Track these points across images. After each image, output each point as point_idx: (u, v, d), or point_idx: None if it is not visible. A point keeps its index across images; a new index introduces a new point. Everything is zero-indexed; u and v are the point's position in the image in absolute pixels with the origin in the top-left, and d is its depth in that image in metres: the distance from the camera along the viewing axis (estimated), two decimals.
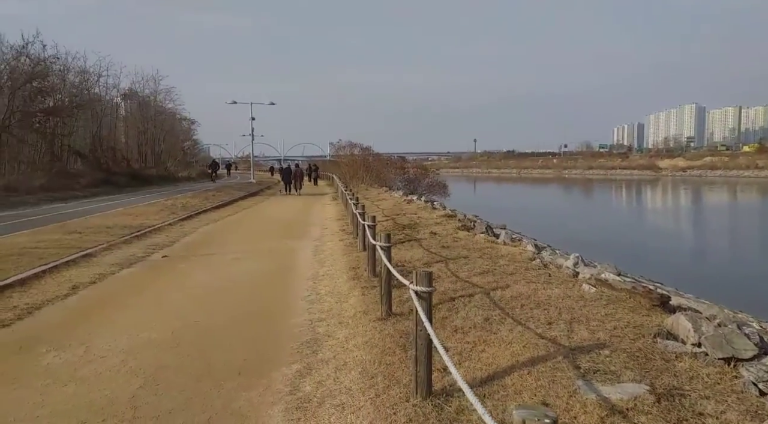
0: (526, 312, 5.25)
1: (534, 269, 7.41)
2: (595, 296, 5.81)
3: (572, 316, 5.05)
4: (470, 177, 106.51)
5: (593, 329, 4.63)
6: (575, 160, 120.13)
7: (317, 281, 7.73)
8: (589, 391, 3.39)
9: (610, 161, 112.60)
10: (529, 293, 5.92)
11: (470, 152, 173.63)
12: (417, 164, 47.90)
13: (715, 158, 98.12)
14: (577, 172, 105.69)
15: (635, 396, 3.26)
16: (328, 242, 11.58)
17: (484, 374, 3.83)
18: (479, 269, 7.30)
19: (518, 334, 4.58)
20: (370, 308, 5.82)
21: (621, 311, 5.21)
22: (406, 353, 4.31)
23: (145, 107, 48.33)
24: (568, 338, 4.45)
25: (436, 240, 9.96)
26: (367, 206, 11.21)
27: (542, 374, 3.71)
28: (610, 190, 64.45)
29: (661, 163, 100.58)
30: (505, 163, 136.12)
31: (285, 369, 4.36)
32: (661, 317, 5.07)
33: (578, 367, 3.82)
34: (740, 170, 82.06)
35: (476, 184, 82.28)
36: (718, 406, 3.17)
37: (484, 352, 4.27)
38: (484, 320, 5.05)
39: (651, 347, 4.24)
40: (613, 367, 3.81)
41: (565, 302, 5.54)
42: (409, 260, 8.14)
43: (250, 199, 26.59)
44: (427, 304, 3.52)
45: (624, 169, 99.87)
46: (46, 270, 8.17)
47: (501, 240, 10.36)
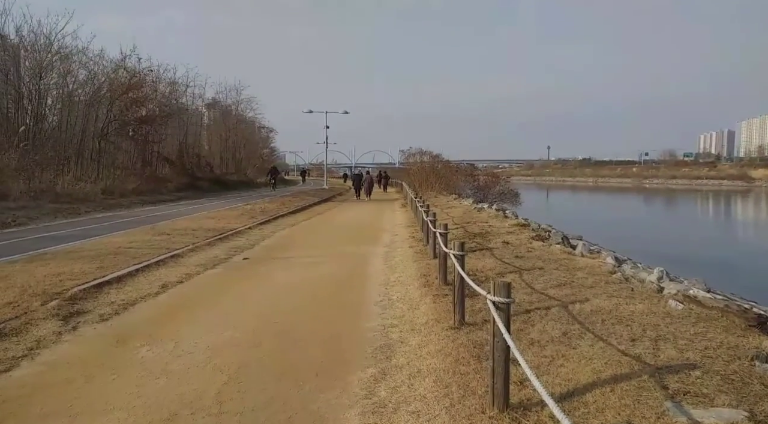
0: (607, 327, 5.04)
1: (614, 282, 7.11)
2: (683, 314, 5.50)
3: (658, 333, 4.80)
4: (543, 185, 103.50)
5: (681, 348, 4.38)
6: (657, 169, 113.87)
7: (389, 286, 7.81)
8: (679, 413, 3.22)
9: (695, 171, 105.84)
10: (610, 308, 5.69)
11: (543, 160, 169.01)
12: (487, 172, 47.16)
13: None
14: (658, 181, 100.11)
15: (732, 422, 3.05)
16: (398, 248, 11.66)
17: (563, 390, 3.72)
18: (555, 281, 7.10)
19: (599, 350, 4.41)
20: (442, 317, 5.81)
21: (713, 330, 4.89)
22: (481, 364, 4.27)
23: (227, 116, 50.88)
24: (653, 357, 4.23)
25: (509, 250, 9.78)
26: (436, 214, 11.19)
27: (626, 393, 3.55)
28: (696, 202, 60.50)
29: (755, 173, 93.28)
30: (580, 171, 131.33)
31: (360, 373, 4.44)
32: (759, 338, 4.72)
33: (666, 387, 3.63)
34: None
35: (549, 192, 79.83)
36: None
37: (563, 367, 4.14)
38: (562, 334, 4.91)
39: (748, 371, 3.96)
40: (705, 389, 3.59)
41: (649, 319, 5.28)
42: (480, 269, 8.05)
43: (323, 205, 27.27)
44: (506, 315, 3.48)
45: (711, 179, 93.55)
46: (139, 269, 8.78)
47: (578, 251, 10.01)
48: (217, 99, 50.17)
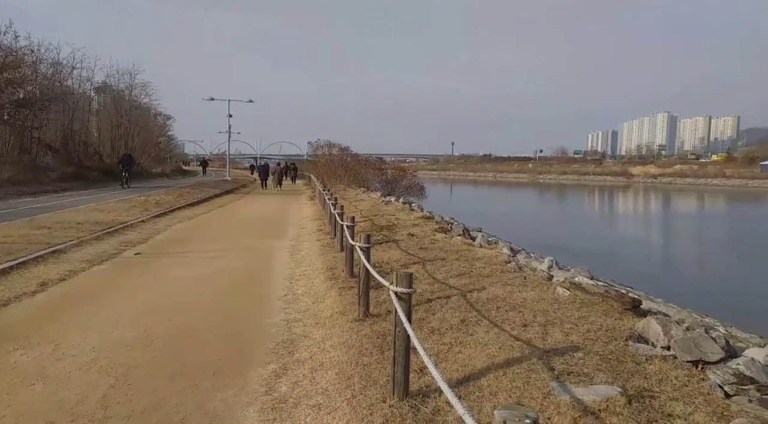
0: (501, 314, 5.31)
1: (509, 271, 7.51)
2: (569, 299, 5.91)
3: (547, 318, 5.13)
4: (447, 180, 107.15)
5: (567, 332, 4.71)
6: (550, 166, 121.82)
7: (294, 281, 7.69)
8: (563, 392, 3.45)
9: (584, 167, 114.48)
10: (504, 296, 5.99)
11: (448, 155, 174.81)
12: (395, 166, 47.93)
13: (685, 167, 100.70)
14: (551, 177, 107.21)
15: (607, 398, 3.32)
16: (305, 241, 11.52)
17: (461, 375, 3.86)
18: (456, 271, 7.36)
19: (494, 336, 4.63)
20: (347, 309, 5.81)
21: (594, 314, 5.31)
22: (383, 354, 4.32)
23: (119, 101, 47.33)
24: (542, 341, 4.51)
25: (414, 242, 10.01)
26: (345, 207, 11.18)
27: (517, 376, 3.75)
28: (583, 196, 65.60)
29: (634, 170, 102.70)
30: (481, 166, 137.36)
31: (261, 369, 4.32)
32: (632, 320, 5.19)
33: (552, 369, 3.88)
34: (708, 179, 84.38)
35: (453, 187, 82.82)
36: (686, 407, 3.26)
37: (461, 353, 4.30)
38: (461, 321, 5.09)
39: (623, 350, 4.34)
40: (586, 369, 3.88)
41: (539, 305, 5.62)
42: (387, 261, 8.15)
43: (226, 197, 26.29)
44: (407, 305, 3.53)
45: (597, 175, 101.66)
46: (14, 266, 7.94)
47: (477, 243, 10.45)
48: (108, 83, 46.51)
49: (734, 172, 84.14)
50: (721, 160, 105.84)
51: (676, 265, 20.40)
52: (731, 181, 79.18)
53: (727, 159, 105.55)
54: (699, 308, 10.91)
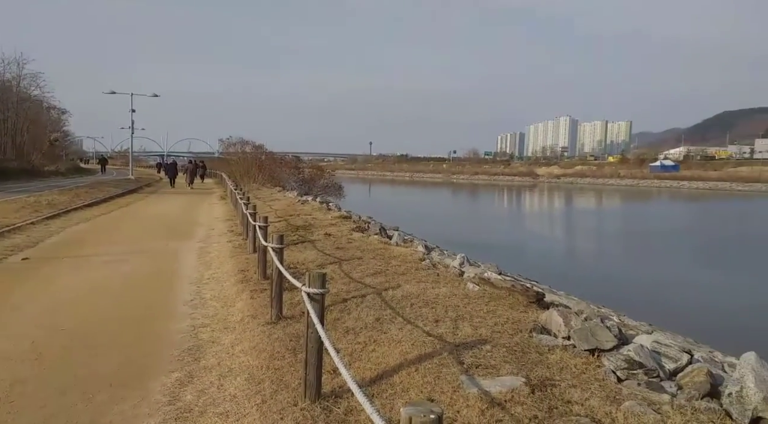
0: (415, 311, 5.38)
1: (424, 269, 7.64)
2: (479, 294, 6.12)
3: (458, 313, 5.27)
4: (365, 179, 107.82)
5: (476, 326, 4.86)
6: (463, 166, 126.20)
7: (202, 284, 7.35)
8: (472, 385, 3.54)
9: (494, 168, 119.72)
10: (418, 293, 6.09)
11: (366, 155, 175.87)
12: (312, 165, 47.35)
13: (585, 167, 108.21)
14: (464, 177, 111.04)
15: (512, 388, 3.46)
16: (214, 243, 11.07)
17: (374, 374, 3.85)
18: (372, 270, 7.38)
19: (407, 332, 4.68)
20: (259, 312, 5.64)
21: (501, 308, 5.53)
22: (296, 357, 4.23)
23: (5, 93, 43.09)
24: (453, 335, 4.63)
25: (331, 241, 9.93)
26: (258, 206, 10.88)
27: (429, 371, 3.81)
28: (494, 195, 68.53)
29: (539, 170, 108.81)
30: (398, 166, 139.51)
31: (164, 378, 4.08)
32: (536, 313, 5.46)
33: (462, 362, 3.98)
34: (605, 178, 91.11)
35: (371, 186, 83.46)
36: (583, 394, 3.46)
37: (375, 351, 4.30)
38: (375, 320, 5.10)
39: (527, 342, 4.54)
40: (493, 361, 4.02)
41: (451, 300, 5.76)
42: (302, 261, 8.02)
43: (128, 197, 24.72)
44: (320, 306, 3.47)
45: (506, 176, 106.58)
46: None
47: (394, 241, 10.57)
48: None
49: (627, 173, 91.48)
50: (616, 162, 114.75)
51: (577, 259, 21.83)
52: (625, 181, 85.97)
53: (621, 160, 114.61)
54: (596, 299, 11.73)
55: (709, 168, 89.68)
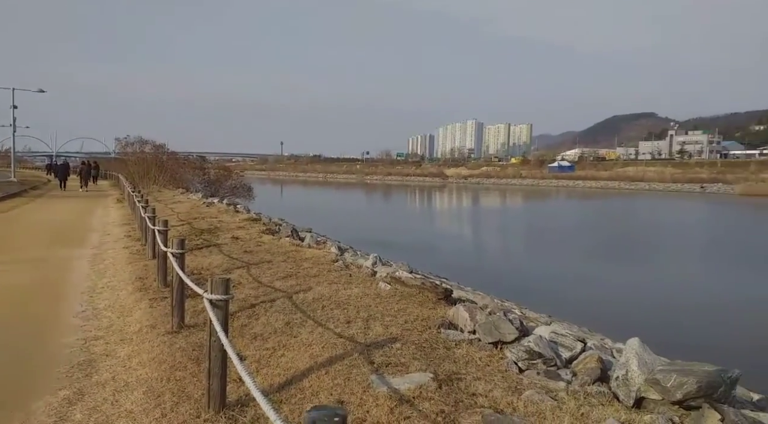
0: (326, 313, 5.33)
1: (336, 270, 7.60)
2: (390, 293, 6.18)
3: (369, 313, 5.28)
4: (277, 180, 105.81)
5: (387, 325, 4.90)
6: (376, 167, 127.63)
7: (95, 294, 6.82)
8: (382, 384, 3.56)
9: (406, 169, 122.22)
10: (330, 294, 6.04)
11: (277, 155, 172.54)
12: (219, 165, 45.60)
13: (490, 168, 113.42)
14: (377, 177, 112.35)
15: (420, 384, 3.51)
16: (110, 250, 10.33)
17: (283, 379, 3.76)
18: (282, 273, 7.22)
19: (318, 335, 4.62)
20: (159, 321, 5.32)
21: (411, 305, 5.62)
22: (200, 367, 4.03)
23: None
24: (364, 335, 4.63)
25: (239, 245, 9.61)
26: (159, 210, 10.30)
27: (339, 373, 3.78)
28: (406, 195, 69.91)
29: (448, 171, 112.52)
30: (311, 167, 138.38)
31: (50, 397, 3.72)
32: (444, 309, 5.60)
33: (373, 362, 3.99)
34: (509, 179, 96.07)
35: (284, 187, 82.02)
36: (487, 385, 3.59)
37: (284, 356, 4.20)
38: (285, 324, 4.99)
39: (436, 337, 4.64)
40: (403, 359, 4.06)
41: (363, 301, 5.77)
42: (207, 267, 7.68)
43: (10, 201, 22.46)
44: (223, 313, 3.32)
45: (418, 176, 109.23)
46: None
47: (306, 243, 10.43)
48: None
49: (528, 173, 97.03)
50: (518, 163, 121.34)
51: (484, 255, 22.80)
52: (526, 181, 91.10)
53: (523, 162, 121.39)
54: (501, 294, 12.31)
55: (601, 168, 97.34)
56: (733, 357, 7.64)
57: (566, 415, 3.13)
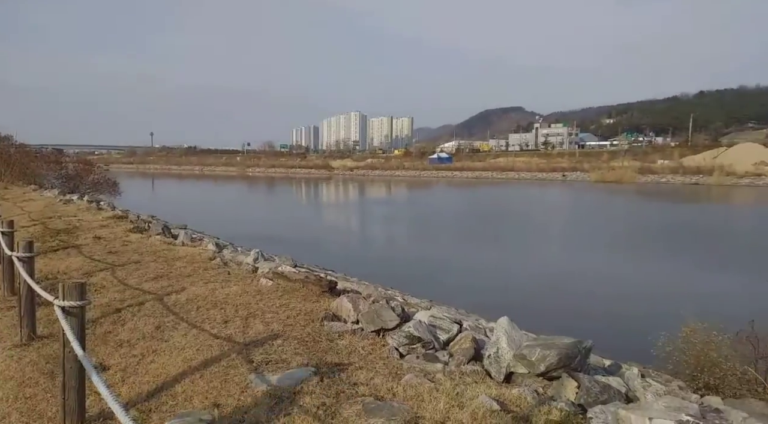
0: (202, 314, 5.06)
1: (214, 268, 7.25)
2: (272, 289, 6.02)
3: (249, 311, 5.10)
4: (147, 174, 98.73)
5: (268, 321, 4.77)
6: (259, 159, 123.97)
7: None
8: (261, 382, 3.45)
9: (290, 161, 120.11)
10: (206, 294, 5.74)
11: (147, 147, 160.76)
12: (79, 159, 41.23)
13: (375, 160, 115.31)
14: (260, 170, 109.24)
15: (302, 379, 3.45)
16: None
17: (153, 387, 3.50)
18: (153, 274, 6.74)
19: (192, 338, 4.37)
20: (5, 334, 4.72)
21: (294, 300, 5.52)
22: (54, 381, 3.62)
23: None
24: (243, 334, 4.46)
25: (102, 245, 8.80)
26: (6, 209, 9.12)
27: (215, 375, 3.60)
28: (291, 188, 68.85)
29: (334, 163, 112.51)
30: (186, 159, 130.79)
31: None
32: (328, 301, 5.57)
33: (252, 361, 3.86)
34: (393, 170, 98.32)
35: (155, 181, 76.72)
36: (368, 374, 3.62)
37: (154, 363, 3.92)
38: (156, 328, 4.66)
39: (319, 331, 4.61)
40: (284, 355, 3.97)
41: (242, 299, 5.57)
42: (63, 270, 6.95)
43: None
44: (78, 320, 3.01)
45: (303, 168, 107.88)
46: None
47: (180, 241, 9.83)
48: None
49: (411, 165, 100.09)
50: (401, 155, 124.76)
51: (370, 245, 23.16)
52: (409, 172, 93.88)
53: (406, 154, 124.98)
54: (386, 282, 12.59)
55: (476, 159, 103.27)
56: (588, 328, 8.51)
57: (442, 396, 3.25)
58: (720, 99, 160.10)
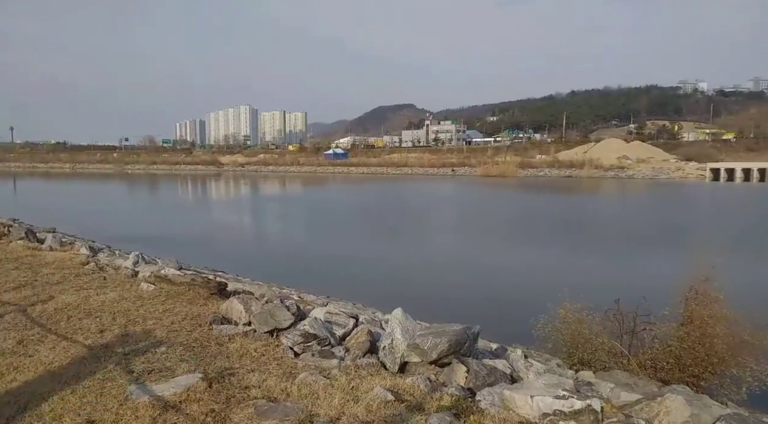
0: (74, 324, 4.61)
1: (87, 274, 6.66)
2: (155, 294, 5.65)
3: (128, 319, 4.74)
4: (7, 173, 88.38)
5: (150, 329, 4.45)
6: (138, 155, 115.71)
7: None
8: (142, 393, 3.20)
9: (174, 157, 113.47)
10: (78, 302, 5.25)
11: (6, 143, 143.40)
12: None
13: (268, 156, 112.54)
14: (140, 167, 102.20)
15: (188, 387, 3.26)
16: None
17: (14, 409, 3.13)
18: (14, 283, 6.04)
19: (62, 351, 3.96)
20: None
21: (180, 304, 5.22)
22: None
23: None
24: (122, 344, 4.13)
25: None
26: None
27: (89, 390, 3.29)
28: (176, 185, 65.12)
29: (223, 159, 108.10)
30: (55, 156, 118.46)
31: None
32: (218, 304, 5.33)
33: (132, 371, 3.58)
34: (287, 166, 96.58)
35: (16, 182, 68.84)
36: (261, 376, 3.51)
37: (15, 381, 3.50)
38: (17, 343, 4.16)
39: (207, 335, 4.38)
40: (169, 363, 3.73)
41: (121, 305, 5.16)
42: None
43: None
44: None
45: (189, 165, 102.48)
46: None
47: (47, 246, 8.89)
48: None
49: (306, 160, 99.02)
50: (296, 150, 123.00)
51: (265, 244, 22.55)
52: (305, 168, 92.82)
53: (300, 149, 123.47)
54: (281, 281, 12.32)
55: (371, 155, 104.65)
56: (477, 314, 8.96)
57: (337, 391, 3.23)
58: (588, 99, 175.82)
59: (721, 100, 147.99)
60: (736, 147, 78.25)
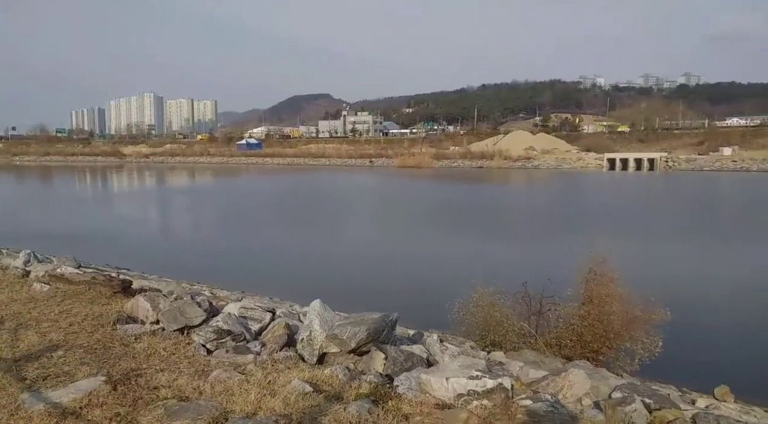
0: None
1: None
2: (49, 294, 5.21)
3: (19, 322, 4.35)
4: None
5: (45, 332, 4.11)
6: (28, 146, 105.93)
7: None
8: (37, 401, 2.95)
9: (70, 147, 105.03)
10: None
11: None
12: None
13: (175, 146, 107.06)
14: (31, 158, 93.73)
15: (90, 391, 3.04)
16: None
17: None
18: None
19: None
20: None
21: (79, 304, 4.85)
22: None
23: None
24: (12, 349, 3.78)
25: None
26: None
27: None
28: (73, 178, 60.35)
29: (125, 149, 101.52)
30: None
31: None
32: (122, 302, 5.01)
33: (24, 378, 3.28)
34: (196, 157, 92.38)
35: None
36: (171, 375, 3.34)
37: None
38: None
39: (111, 335, 4.11)
40: (67, 367, 3.46)
41: (10, 308, 4.72)
42: None
43: None
44: None
45: (87, 156, 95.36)
46: None
47: None
48: None
49: (217, 151, 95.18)
50: (206, 140, 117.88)
51: (173, 239, 21.52)
52: (215, 159, 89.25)
53: (210, 139, 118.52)
54: (192, 277, 11.82)
55: (287, 146, 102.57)
56: (395, 302, 9.12)
57: (253, 386, 3.15)
58: (498, 92, 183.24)
59: (617, 95, 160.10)
60: (629, 138, 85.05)
